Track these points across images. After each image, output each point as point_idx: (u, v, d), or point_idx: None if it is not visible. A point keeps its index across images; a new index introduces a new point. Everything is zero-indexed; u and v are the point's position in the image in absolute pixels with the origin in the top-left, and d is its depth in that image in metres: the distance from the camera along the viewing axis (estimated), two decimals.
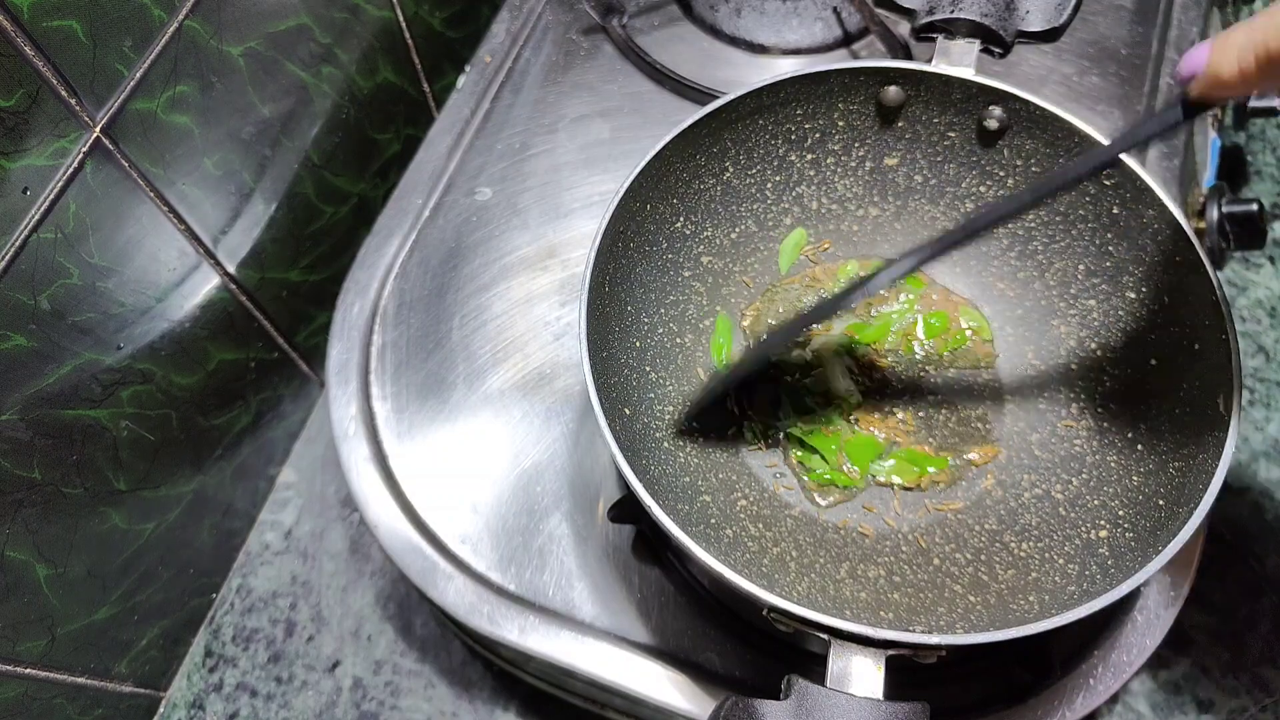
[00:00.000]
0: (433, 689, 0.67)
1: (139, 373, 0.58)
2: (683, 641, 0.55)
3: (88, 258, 0.53)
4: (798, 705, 0.39)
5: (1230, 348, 0.47)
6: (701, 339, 0.60)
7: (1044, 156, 0.56)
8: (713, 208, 0.60)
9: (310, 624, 0.70)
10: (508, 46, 0.77)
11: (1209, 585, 0.67)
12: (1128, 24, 0.74)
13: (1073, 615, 0.41)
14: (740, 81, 0.57)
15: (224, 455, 0.69)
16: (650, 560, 0.57)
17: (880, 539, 0.54)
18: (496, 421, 0.61)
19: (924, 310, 0.61)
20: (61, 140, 0.49)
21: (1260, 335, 0.78)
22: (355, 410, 0.62)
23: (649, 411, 0.54)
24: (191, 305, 0.62)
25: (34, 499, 0.53)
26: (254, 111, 0.63)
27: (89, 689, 0.61)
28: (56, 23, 0.47)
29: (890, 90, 0.57)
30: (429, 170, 0.71)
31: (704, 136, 0.56)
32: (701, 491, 0.53)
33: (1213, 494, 0.43)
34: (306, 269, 0.74)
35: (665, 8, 0.79)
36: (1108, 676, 0.52)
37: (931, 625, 0.48)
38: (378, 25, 0.75)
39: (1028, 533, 0.52)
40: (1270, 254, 0.82)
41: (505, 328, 0.65)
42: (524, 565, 0.57)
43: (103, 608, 0.60)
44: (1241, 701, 0.64)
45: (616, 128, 0.73)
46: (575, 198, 0.70)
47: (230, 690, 0.68)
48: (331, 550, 0.73)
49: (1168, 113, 0.41)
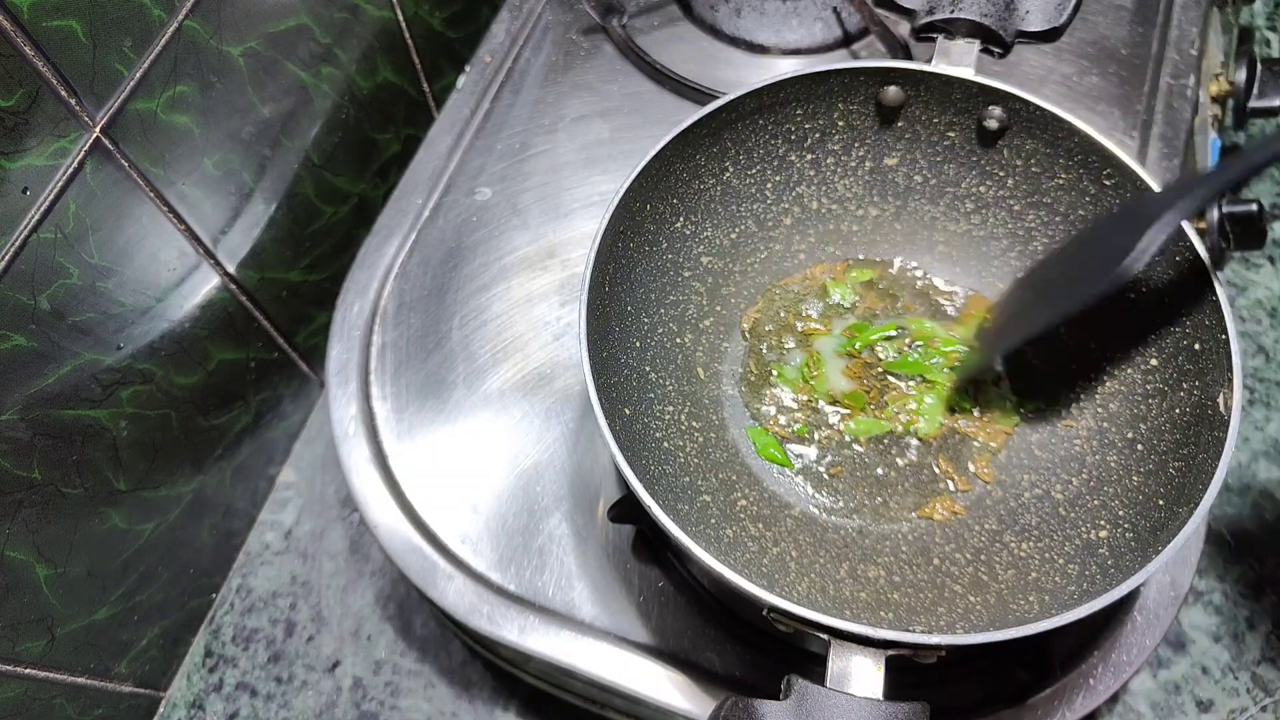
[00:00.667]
0: (433, 689, 0.67)
1: (139, 373, 0.58)
2: (683, 641, 0.55)
3: (88, 258, 0.53)
4: (798, 705, 0.39)
5: (1230, 348, 0.47)
6: (701, 339, 0.60)
7: (1044, 156, 0.56)
8: (713, 208, 0.60)
9: (310, 624, 0.70)
10: (508, 46, 0.77)
11: (1209, 585, 0.67)
12: (1128, 24, 0.74)
13: (1073, 615, 0.41)
14: (740, 81, 0.57)
15: (224, 455, 0.69)
16: (650, 560, 0.57)
17: (880, 539, 0.54)
18: (496, 421, 0.61)
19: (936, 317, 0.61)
20: (61, 140, 0.49)
21: (1260, 335, 0.78)
22: (355, 410, 0.62)
23: (649, 411, 0.54)
24: (191, 305, 0.62)
25: (34, 499, 0.53)
26: (254, 111, 0.63)
27: (89, 689, 0.61)
28: (56, 23, 0.47)
29: (890, 90, 0.57)
30: (429, 170, 0.71)
31: (704, 136, 0.56)
32: (701, 491, 0.53)
33: (1213, 494, 0.43)
34: (306, 269, 0.74)
35: (665, 8, 0.78)
36: (1108, 676, 0.52)
37: (931, 625, 0.48)
38: (378, 25, 0.75)
39: (1028, 533, 0.52)
40: (1270, 254, 0.82)
41: (505, 328, 0.65)
42: (524, 565, 0.57)
43: (103, 608, 0.60)
44: (1241, 701, 0.64)
45: (616, 128, 0.73)
46: (575, 198, 0.70)
47: (230, 690, 0.68)
48: (331, 550, 0.73)
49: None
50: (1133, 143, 0.68)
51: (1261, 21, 0.96)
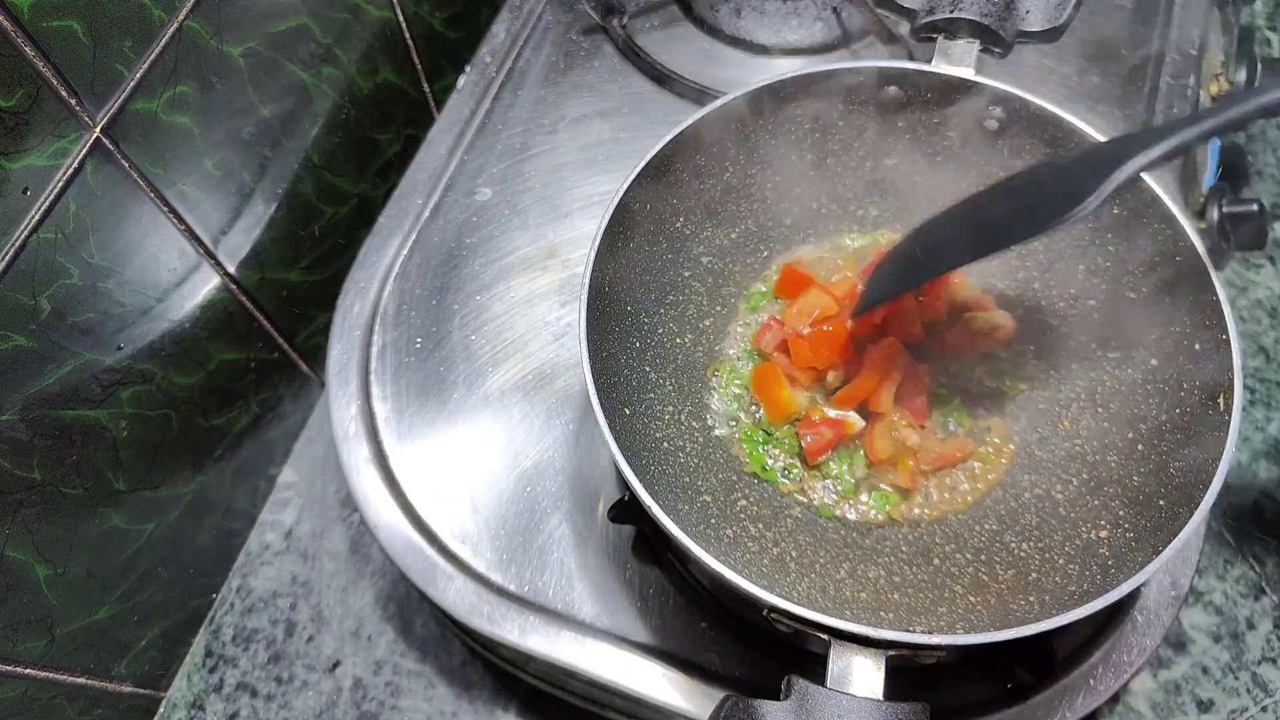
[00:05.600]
0: (433, 689, 0.67)
1: (139, 373, 0.58)
2: (683, 641, 0.55)
3: (88, 258, 0.53)
4: (798, 705, 0.39)
5: (1230, 348, 0.47)
6: (701, 339, 0.60)
7: (1044, 157, 0.56)
8: (713, 208, 0.60)
9: (310, 624, 0.70)
10: (508, 46, 0.77)
11: (1209, 585, 0.67)
12: (1128, 24, 0.74)
13: (1073, 615, 0.41)
14: (740, 81, 0.57)
15: (224, 455, 0.69)
16: (650, 560, 0.57)
17: (880, 539, 0.54)
18: (496, 422, 0.61)
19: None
20: (61, 140, 0.49)
21: (1260, 335, 0.78)
22: (355, 410, 0.62)
23: (649, 411, 0.54)
24: (191, 305, 0.62)
25: (34, 499, 0.53)
26: (254, 112, 0.63)
27: (89, 689, 0.61)
28: (56, 23, 0.47)
29: (890, 90, 0.57)
30: (429, 170, 0.71)
31: (704, 136, 0.56)
32: (701, 491, 0.53)
33: (1213, 494, 0.43)
34: (307, 269, 0.74)
35: (665, 8, 0.79)
36: (1108, 676, 0.52)
37: (932, 625, 0.48)
38: (378, 25, 0.75)
39: (1028, 533, 0.52)
40: (1270, 254, 0.82)
41: (505, 328, 0.65)
42: (524, 565, 0.57)
43: (103, 608, 0.60)
44: (1241, 701, 0.64)
45: (616, 128, 0.73)
46: (575, 198, 0.70)
47: (230, 690, 0.68)
48: (331, 550, 0.73)
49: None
50: None
51: (1261, 21, 0.96)
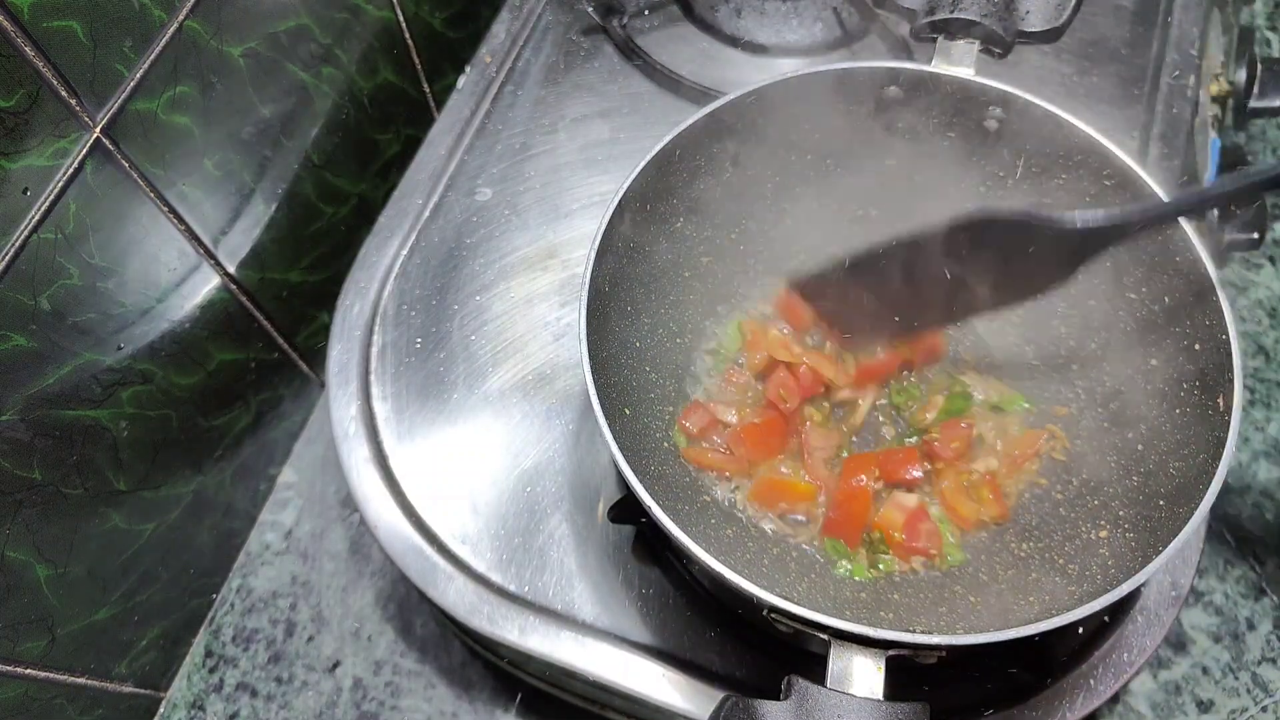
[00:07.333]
0: (433, 689, 0.67)
1: (139, 373, 0.58)
2: (683, 641, 0.55)
3: (88, 258, 0.53)
4: (798, 705, 0.39)
5: (1230, 348, 0.47)
6: (701, 339, 0.60)
7: (1044, 157, 0.56)
8: (713, 208, 0.60)
9: (310, 624, 0.70)
10: (508, 47, 0.77)
11: (1209, 585, 0.67)
12: (1128, 24, 0.74)
13: (1073, 615, 0.41)
14: (740, 81, 0.57)
15: (224, 455, 0.69)
16: (650, 560, 0.57)
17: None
18: (496, 422, 0.61)
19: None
20: (62, 140, 0.49)
21: (1260, 335, 0.78)
22: (355, 410, 0.62)
23: (649, 411, 0.54)
24: (191, 305, 0.62)
25: (34, 499, 0.53)
26: (254, 112, 0.63)
27: (89, 689, 0.61)
28: (56, 23, 0.47)
29: (890, 90, 0.57)
30: (429, 170, 0.71)
31: (704, 136, 0.56)
32: (701, 491, 0.53)
33: (1213, 494, 0.43)
34: (307, 269, 0.74)
35: (665, 8, 0.78)
36: (1108, 676, 0.52)
37: (932, 625, 0.48)
38: (378, 25, 0.75)
39: (1028, 533, 0.52)
40: (1270, 254, 0.82)
41: (505, 328, 0.65)
42: (524, 565, 0.57)
43: (103, 608, 0.60)
44: (1242, 702, 0.64)
45: (616, 128, 0.73)
46: (575, 198, 0.70)
47: (230, 690, 0.68)
48: (331, 550, 0.73)
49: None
50: (1133, 143, 0.68)
51: (1261, 21, 0.96)
